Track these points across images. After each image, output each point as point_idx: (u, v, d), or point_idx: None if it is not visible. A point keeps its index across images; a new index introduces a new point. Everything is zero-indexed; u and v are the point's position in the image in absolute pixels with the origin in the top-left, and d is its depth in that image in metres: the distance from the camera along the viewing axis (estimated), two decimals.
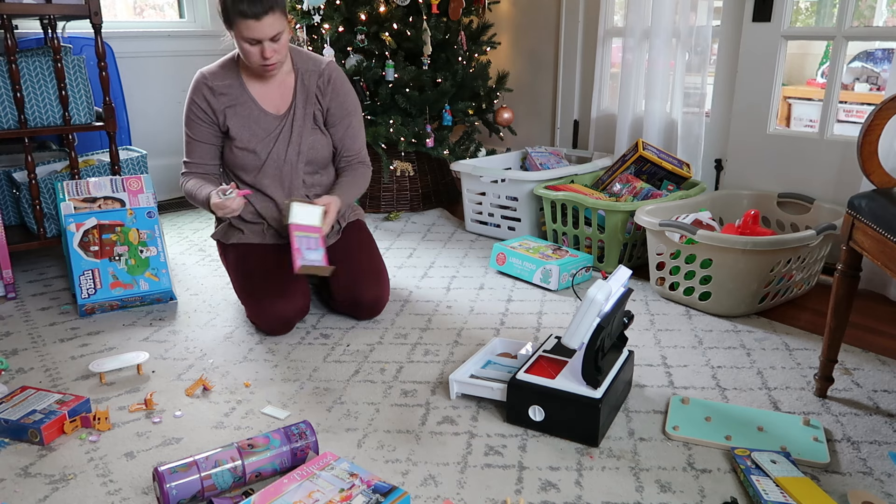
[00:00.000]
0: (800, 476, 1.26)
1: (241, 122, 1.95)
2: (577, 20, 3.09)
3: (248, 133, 1.96)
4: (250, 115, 1.96)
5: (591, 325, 1.39)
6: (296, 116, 1.97)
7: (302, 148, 1.99)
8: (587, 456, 1.37)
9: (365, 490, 1.19)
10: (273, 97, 1.98)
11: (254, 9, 1.73)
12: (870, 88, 3.78)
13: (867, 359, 1.77)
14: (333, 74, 2.00)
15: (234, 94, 1.95)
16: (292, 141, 1.98)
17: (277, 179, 1.99)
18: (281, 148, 1.97)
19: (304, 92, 1.98)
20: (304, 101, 1.98)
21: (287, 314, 1.89)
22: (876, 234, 1.37)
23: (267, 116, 1.97)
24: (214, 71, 1.96)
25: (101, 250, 2.08)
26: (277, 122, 1.97)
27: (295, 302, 1.91)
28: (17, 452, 1.40)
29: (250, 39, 1.78)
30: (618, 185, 2.59)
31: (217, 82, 1.94)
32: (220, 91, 1.94)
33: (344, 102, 2.01)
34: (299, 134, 1.98)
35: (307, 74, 1.98)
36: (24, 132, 2.26)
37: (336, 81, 2.00)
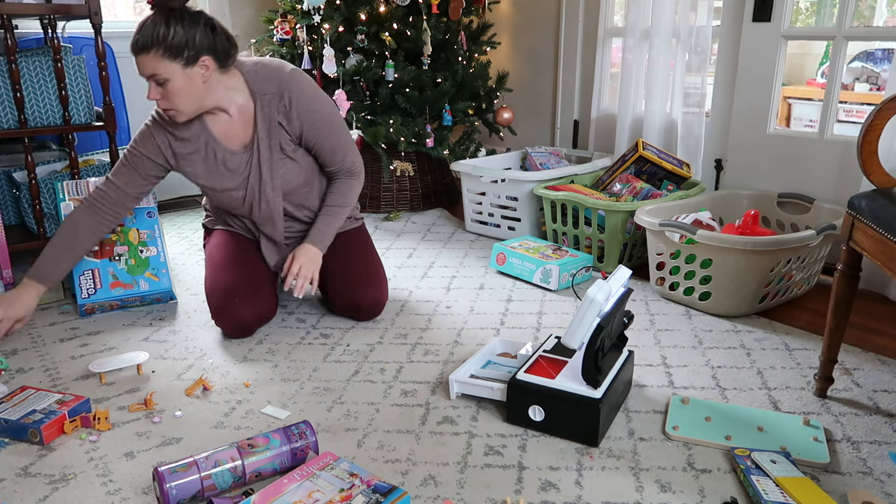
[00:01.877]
0: (800, 476, 1.26)
1: (207, 168, 1.83)
2: (577, 20, 3.10)
3: (218, 178, 1.84)
4: (215, 157, 1.82)
5: (591, 325, 1.39)
6: (260, 149, 1.81)
7: (275, 182, 1.85)
8: (587, 456, 1.37)
9: (365, 490, 1.19)
10: (235, 130, 1.81)
11: (132, 42, 1.61)
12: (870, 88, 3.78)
13: (867, 359, 1.77)
14: (294, 94, 1.78)
15: (194, 139, 1.80)
16: (263, 177, 1.83)
17: (266, 213, 1.90)
18: (254, 185, 1.85)
19: (265, 121, 1.79)
20: (268, 132, 1.80)
21: (245, 319, 1.85)
22: (876, 234, 1.37)
23: (233, 156, 1.82)
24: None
25: (101, 250, 2.08)
26: (244, 160, 1.83)
27: (254, 308, 1.86)
28: (17, 452, 1.40)
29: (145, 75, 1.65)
30: (618, 185, 2.59)
31: (179, 126, 1.79)
32: (182, 137, 1.80)
33: (314, 121, 1.81)
34: (269, 168, 1.83)
35: (265, 99, 1.78)
36: (24, 132, 2.26)
37: (301, 97, 1.78)
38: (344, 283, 1.98)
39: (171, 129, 1.79)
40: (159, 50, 1.60)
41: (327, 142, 1.86)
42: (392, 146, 2.99)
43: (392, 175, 3.14)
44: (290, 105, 1.78)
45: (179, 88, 1.65)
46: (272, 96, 1.78)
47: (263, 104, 1.78)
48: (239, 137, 1.82)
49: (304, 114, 1.80)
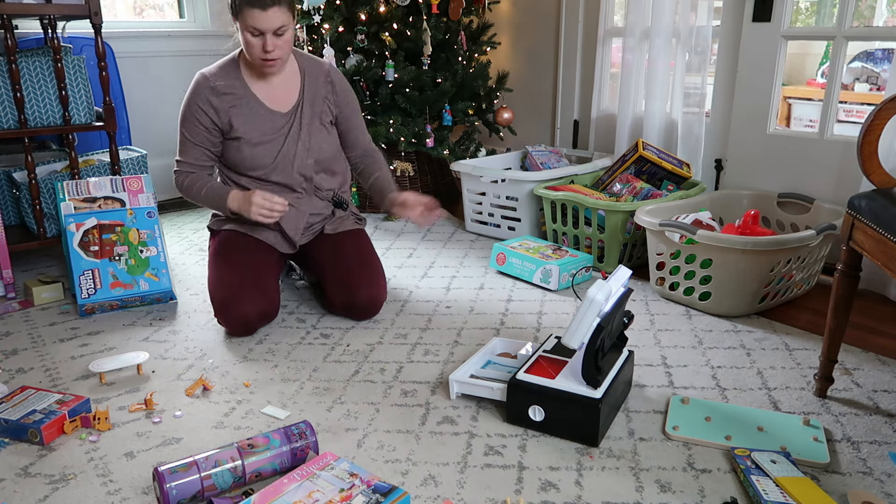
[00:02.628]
0: (800, 476, 1.26)
1: (247, 121, 1.94)
2: (577, 20, 3.09)
3: (258, 131, 1.95)
4: (257, 113, 1.95)
5: (591, 325, 1.39)
6: (303, 114, 1.98)
7: (311, 145, 2.00)
8: (587, 456, 1.37)
9: (365, 490, 1.19)
10: (277, 95, 1.97)
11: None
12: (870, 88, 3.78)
13: (867, 359, 1.77)
14: (337, 77, 2.05)
15: (237, 94, 1.93)
16: (301, 138, 1.98)
17: (288, 177, 1.99)
18: (291, 145, 1.97)
19: (311, 91, 1.99)
20: (312, 100, 2.00)
21: (248, 317, 1.86)
22: (876, 234, 1.37)
23: (273, 115, 1.96)
24: (215, 71, 1.94)
25: (101, 250, 2.08)
26: (285, 120, 1.97)
27: (256, 306, 1.87)
28: (17, 452, 1.40)
29: (253, 30, 1.78)
30: (618, 185, 2.59)
31: (219, 82, 1.92)
32: (223, 91, 1.92)
33: (351, 103, 2.08)
34: (308, 132, 1.99)
35: (313, 76, 2.00)
36: (24, 132, 2.26)
37: (342, 84, 2.06)
38: (341, 282, 1.98)
39: (213, 84, 1.91)
40: (285, 2, 1.79)
41: (359, 122, 2.12)
42: (392, 146, 2.99)
43: (392, 175, 3.14)
44: (334, 85, 2.03)
45: (290, 37, 1.85)
46: (318, 74, 2.01)
47: (311, 77, 2.00)
48: (282, 100, 1.98)
49: (346, 96, 2.06)
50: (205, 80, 1.92)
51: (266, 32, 1.78)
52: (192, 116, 1.93)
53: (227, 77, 1.94)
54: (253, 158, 1.96)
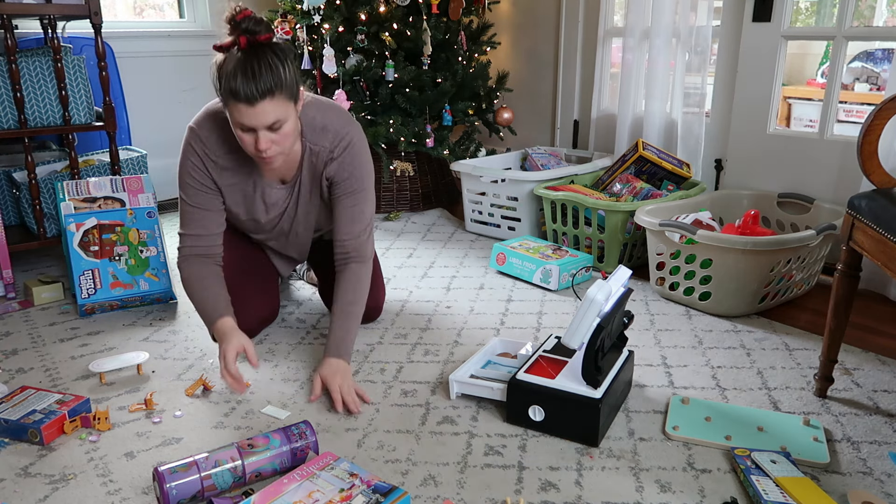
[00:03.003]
0: (800, 476, 1.26)
1: (241, 198, 1.72)
2: (577, 20, 3.09)
3: (253, 207, 1.74)
4: (255, 188, 1.71)
5: (591, 325, 1.39)
6: (301, 193, 1.74)
7: (308, 223, 1.82)
8: (587, 456, 1.37)
9: (365, 490, 1.19)
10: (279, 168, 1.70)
11: (247, 90, 1.40)
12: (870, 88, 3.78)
13: (867, 359, 1.77)
14: (346, 151, 1.68)
15: (237, 169, 1.68)
16: (297, 217, 1.80)
17: (281, 245, 1.91)
18: (285, 223, 1.81)
19: (310, 169, 1.71)
20: (310, 178, 1.72)
21: (248, 323, 1.79)
22: (876, 234, 1.37)
23: (272, 189, 1.72)
24: (212, 136, 1.63)
25: (101, 250, 2.08)
26: (282, 196, 1.74)
27: (257, 312, 1.84)
28: (17, 452, 1.40)
29: (242, 126, 1.46)
30: (618, 185, 2.59)
31: (218, 151, 1.64)
32: (223, 165, 1.66)
33: (350, 177, 1.70)
34: (305, 211, 1.79)
35: (315, 150, 1.68)
36: (24, 132, 2.26)
37: (346, 156, 1.68)
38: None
39: (213, 157, 1.64)
40: (280, 91, 1.44)
41: (353, 206, 1.71)
42: (392, 146, 2.99)
43: (392, 175, 3.14)
44: (333, 161, 1.68)
45: (291, 129, 1.52)
46: (323, 149, 1.68)
47: (312, 154, 1.68)
48: (280, 173, 1.71)
49: (346, 167, 1.69)
50: (202, 147, 1.63)
51: (258, 129, 1.46)
52: (192, 181, 1.66)
53: (226, 142, 1.64)
54: (251, 228, 1.83)
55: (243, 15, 1.43)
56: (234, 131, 1.50)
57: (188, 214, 1.69)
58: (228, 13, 1.44)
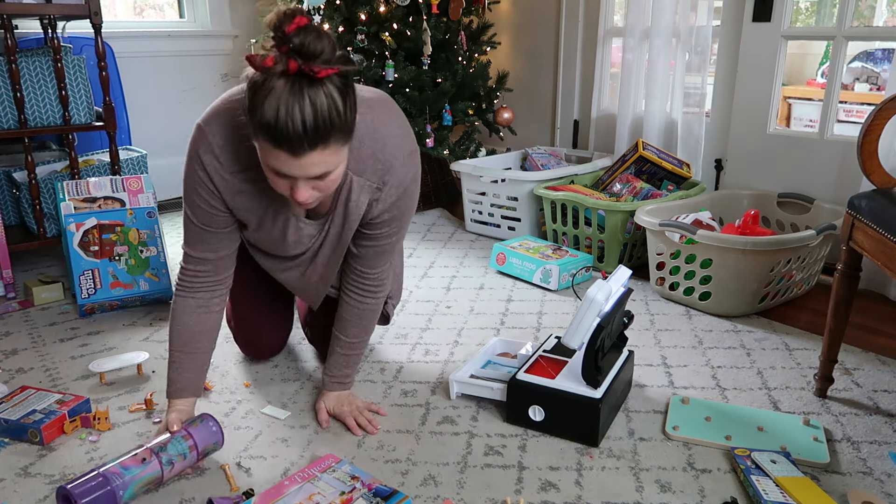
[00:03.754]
0: (800, 476, 1.26)
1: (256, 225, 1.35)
2: (577, 20, 3.09)
3: (266, 239, 1.40)
4: (275, 218, 1.34)
5: (591, 325, 1.39)
6: (329, 235, 1.38)
7: (327, 274, 1.48)
8: (587, 456, 1.37)
9: (366, 493, 1.19)
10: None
11: (294, 136, 1.04)
12: (870, 88, 3.78)
13: (867, 359, 1.77)
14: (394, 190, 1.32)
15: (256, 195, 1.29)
16: (315, 265, 1.46)
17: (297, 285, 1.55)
18: (301, 267, 1.48)
19: (347, 205, 1.32)
20: (344, 219, 1.34)
21: (276, 340, 1.76)
22: (876, 234, 1.37)
23: (297, 223, 1.36)
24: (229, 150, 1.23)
25: (101, 250, 2.08)
26: (309, 236, 1.39)
27: (284, 328, 1.77)
28: (17, 452, 1.40)
29: (278, 172, 1.12)
30: (618, 185, 2.59)
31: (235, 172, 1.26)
32: (239, 189, 1.28)
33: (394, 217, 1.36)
34: (325, 261, 1.45)
35: (358, 184, 1.30)
36: (24, 132, 2.26)
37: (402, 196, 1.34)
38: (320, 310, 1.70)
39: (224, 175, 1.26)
40: (338, 138, 1.09)
41: (384, 240, 1.41)
42: None
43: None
44: (382, 195, 1.32)
45: (340, 174, 1.18)
46: (370, 185, 1.30)
47: (353, 188, 1.30)
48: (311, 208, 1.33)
49: (395, 206, 1.35)
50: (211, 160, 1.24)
51: (299, 178, 1.13)
52: (197, 196, 1.29)
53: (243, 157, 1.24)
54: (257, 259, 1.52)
55: (296, 25, 1.01)
56: (265, 169, 1.15)
57: (194, 234, 1.34)
58: (274, 17, 1.02)
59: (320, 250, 1.42)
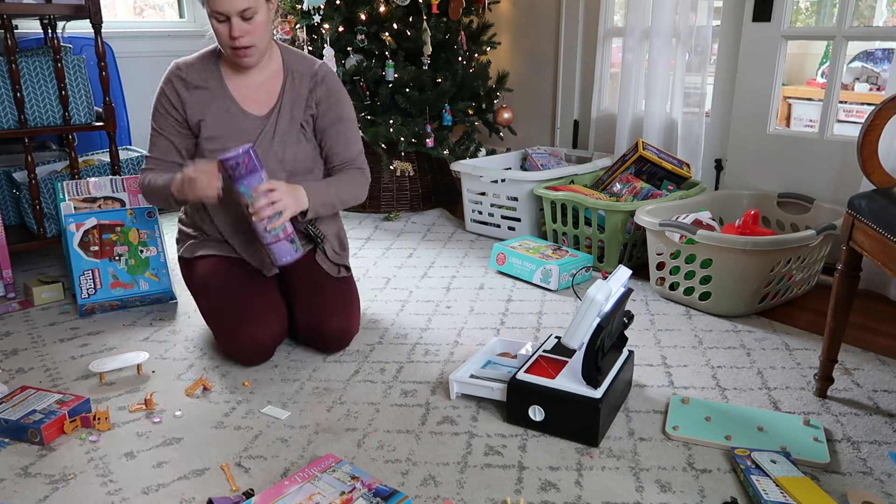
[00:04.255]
0: (800, 476, 1.26)
1: (215, 121, 1.75)
2: (577, 20, 3.09)
3: (225, 135, 1.74)
4: (227, 113, 1.75)
5: (591, 325, 1.39)
6: (280, 119, 1.76)
7: (285, 156, 1.77)
8: (587, 456, 1.37)
9: (366, 494, 1.19)
10: (255, 97, 1.77)
11: None
12: (870, 88, 3.78)
13: (867, 359, 1.77)
14: (328, 76, 1.81)
15: (210, 89, 1.75)
16: (274, 148, 1.75)
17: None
18: (261, 152, 1.73)
19: (292, 93, 1.78)
20: (292, 105, 1.78)
21: (264, 340, 1.70)
22: (876, 234, 1.37)
23: (247, 117, 1.76)
24: (191, 62, 1.77)
25: (101, 250, 2.08)
26: (258, 125, 1.76)
27: (272, 326, 1.72)
28: (17, 452, 1.40)
29: (217, 14, 1.60)
30: (618, 185, 2.59)
31: (193, 75, 1.75)
32: (196, 84, 1.74)
33: (337, 106, 1.81)
34: (282, 141, 1.76)
35: (298, 76, 1.78)
36: (24, 132, 2.26)
37: (330, 83, 1.81)
38: (310, 305, 1.79)
39: (185, 76, 1.75)
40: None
41: (346, 131, 1.83)
42: (392, 146, 2.99)
43: (392, 175, 3.14)
44: (320, 83, 1.79)
45: (263, 23, 1.65)
46: (305, 74, 1.79)
47: (295, 78, 1.78)
48: (258, 103, 1.77)
49: (332, 96, 1.80)
50: (177, 71, 1.76)
51: (231, 16, 1.60)
52: (161, 108, 1.78)
53: (203, 70, 1.76)
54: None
55: None
56: (211, 24, 1.63)
57: (153, 138, 1.81)
58: None
59: (275, 138, 1.76)
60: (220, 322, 1.76)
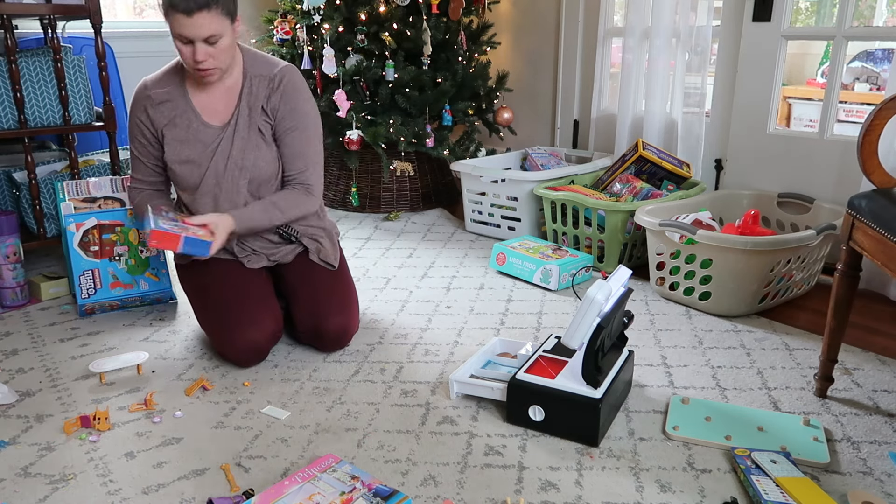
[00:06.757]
0: (800, 476, 1.26)
1: (177, 134, 1.77)
2: (577, 20, 3.09)
3: (186, 146, 1.77)
4: (189, 126, 1.76)
5: (591, 325, 1.39)
6: (238, 127, 1.75)
7: (245, 163, 1.76)
8: (587, 456, 1.37)
9: (366, 493, 1.19)
10: (216, 107, 1.77)
11: (186, 2, 1.54)
12: (870, 88, 3.78)
13: (867, 359, 1.77)
14: (286, 78, 1.77)
15: (173, 104, 1.77)
16: (232, 155, 1.75)
17: (214, 199, 1.77)
18: (220, 163, 1.75)
19: (249, 99, 1.76)
20: (249, 110, 1.76)
21: (258, 341, 1.71)
22: (876, 234, 1.37)
23: (207, 129, 1.76)
24: (157, 78, 1.80)
25: (101, 250, 2.08)
26: (217, 134, 1.76)
27: (266, 327, 1.72)
28: (17, 452, 1.40)
29: (181, 37, 1.60)
30: (618, 185, 2.59)
31: (157, 90, 1.77)
32: (160, 99, 1.76)
33: (292, 115, 1.77)
34: (241, 148, 1.76)
35: (257, 80, 1.76)
36: (24, 132, 2.26)
37: (288, 86, 1.77)
38: (309, 305, 1.79)
39: (151, 93, 1.77)
40: (216, 7, 1.58)
41: (296, 142, 1.79)
42: (392, 146, 2.99)
43: (392, 175, 3.14)
44: (277, 86, 1.76)
45: (227, 47, 1.65)
46: (263, 78, 1.77)
47: (253, 84, 1.77)
48: (219, 113, 1.78)
49: (289, 100, 1.77)
50: (143, 90, 1.78)
51: (195, 40, 1.60)
52: (135, 131, 1.80)
53: (168, 83, 1.78)
54: (181, 178, 1.79)
55: None
56: (175, 45, 1.63)
57: (133, 161, 1.86)
58: None
59: (233, 144, 1.76)
60: (214, 324, 1.76)
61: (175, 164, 1.78)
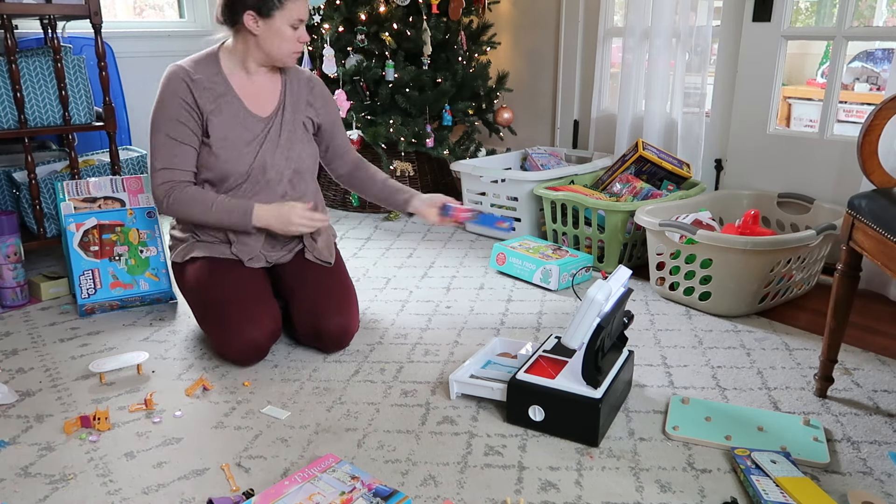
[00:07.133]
0: (800, 476, 1.26)
1: (225, 122, 1.76)
2: (577, 20, 3.09)
3: (233, 134, 1.76)
4: (236, 114, 1.77)
5: (591, 325, 1.39)
6: (284, 119, 1.83)
7: (291, 154, 1.83)
8: (587, 456, 1.37)
9: (366, 494, 1.19)
10: (259, 98, 1.81)
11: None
12: (870, 88, 3.78)
13: (867, 359, 1.77)
14: (319, 82, 1.94)
15: (217, 91, 1.76)
16: (280, 146, 1.81)
17: (261, 189, 1.80)
18: (267, 153, 1.79)
19: (293, 95, 1.86)
20: (294, 106, 1.85)
21: (258, 340, 1.70)
22: (876, 234, 1.37)
23: (252, 118, 1.79)
24: (195, 64, 1.77)
25: (101, 250, 2.08)
26: (263, 125, 1.80)
27: (265, 325, 1.71)
28: (17, 452, 1.40)
29: (298, 21, 1.72)
30: (618, 185, 2.59)
31: (199, 75, 1.75)
32: (204, 85, 1.75)
33: (332, 106, 1.96)
34: (289, 139, 1.83)
35: (295, 79, 1.87)
36: (24, 132, 2.26)
37: (324, 89, 1.94)
38: (308, 305, 1.79)
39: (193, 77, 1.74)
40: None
41: (342, 132, 1.99)
42: (392, 146, 2.99)
43: (392, 175, 3.14)
44: (317, 90, 1.91)
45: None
46: (300, 79, 1.89)
47: (292, 81, 1.87)
48: (263, 103, 1.82)
49: (329, 102, 1.94)
50: (182, 72, 1.74)
51: (304, 21, 1.74)
52: (173, 112, 1.73)
53: (207, 71, 1.76)
54: (226, 165, 1.76)
55: None
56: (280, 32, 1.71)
57: (169, 148, 1.75)
58: None
59: (281, 136, 1.82)
60: (213, 323, 1.76)
61: (222, 151, 1.76)
